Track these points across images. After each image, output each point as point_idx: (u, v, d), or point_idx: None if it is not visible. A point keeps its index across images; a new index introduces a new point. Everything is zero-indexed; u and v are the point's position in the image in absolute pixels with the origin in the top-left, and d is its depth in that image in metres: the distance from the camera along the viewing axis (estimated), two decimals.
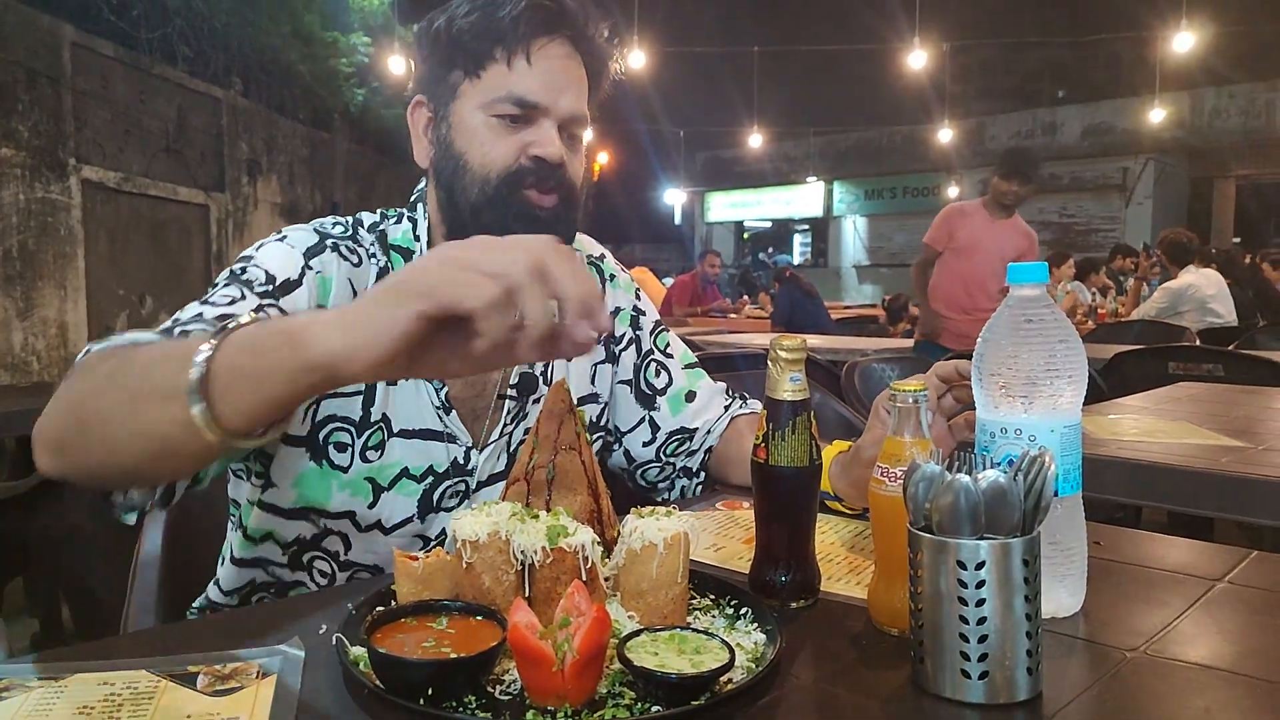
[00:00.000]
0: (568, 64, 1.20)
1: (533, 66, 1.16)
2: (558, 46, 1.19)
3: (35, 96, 5.80)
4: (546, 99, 1.17)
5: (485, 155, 1.17)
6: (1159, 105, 13.80)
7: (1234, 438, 1.88)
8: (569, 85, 1.19)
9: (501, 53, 1.16)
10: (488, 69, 1.17)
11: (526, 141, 1.17)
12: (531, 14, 1.16)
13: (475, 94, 1.18)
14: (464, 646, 0.74)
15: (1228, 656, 0.81)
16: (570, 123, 1.20)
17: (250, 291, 1.09)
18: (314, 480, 1.17)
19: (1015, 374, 0.87)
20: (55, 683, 0.73)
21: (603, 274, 1.44)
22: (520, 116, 1.17)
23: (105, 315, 6.42)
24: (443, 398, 1.21)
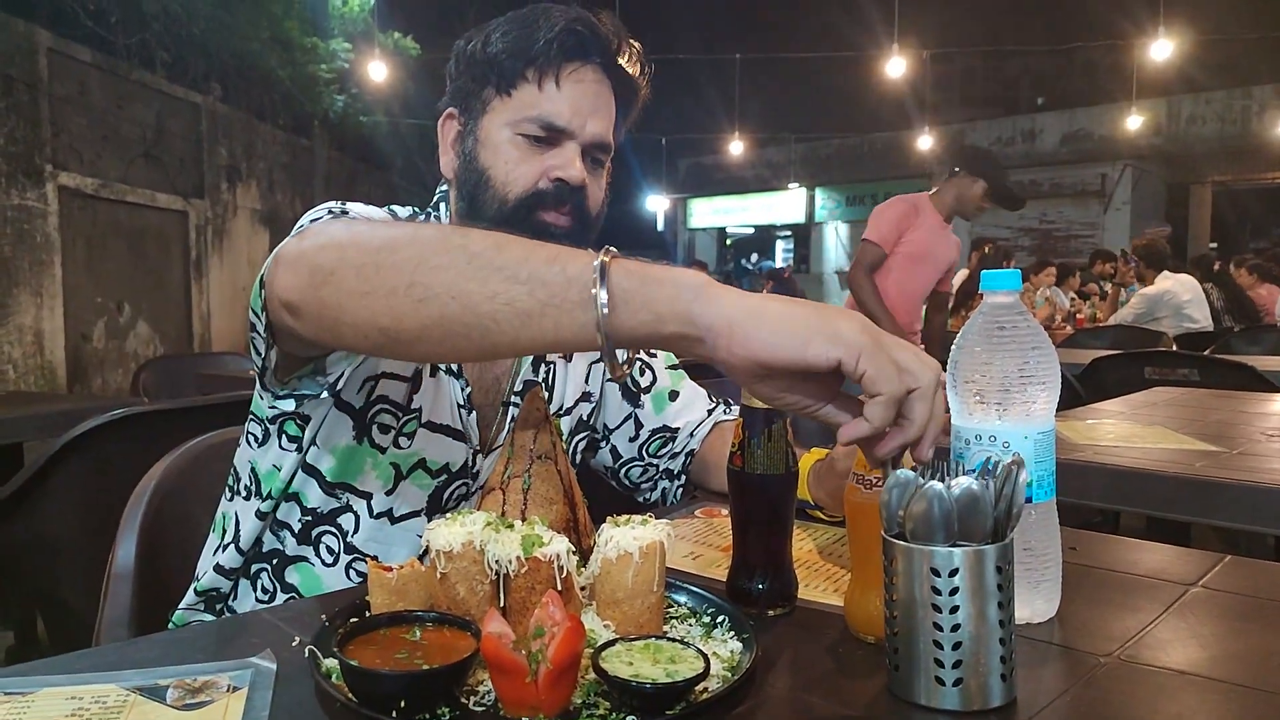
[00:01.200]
0: (597, 90, 1.22)
1: (561, 90, 1.19)
2: (589, 72, 1.21)
3: (11, 103, 5.75)
4: (573, 122, 1.20)
5: (508, 173, 1.21)
6: (1136, 112, 13.93)
7: (1209, 442, 1.90)
8: (596, 111, 1.22)
9: (533, 73, 1.19)
10: (519, 88, 1.20)
11: (550, 164, 1.20)
12: (565, 38, 1.19)
13: (505, 111, 1.21)
14: (437, 658, 0.74)
15: (1202, 661, 0.81)
16: (594, 148, 1.23)
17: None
18: (352, 455, 1.20)
19: (989, 381, 0.88)
20: (23, 697, 0.72)
21: None
22: (545, 138, 1.20)
23: (82, 323, 6.37)
24: (465, 397, 1.24)
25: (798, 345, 0.73)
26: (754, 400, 0.92)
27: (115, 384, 6.65)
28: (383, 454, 1.20)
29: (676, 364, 1.53)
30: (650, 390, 1.48)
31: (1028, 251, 17.37)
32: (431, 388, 1.23)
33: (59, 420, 2.85)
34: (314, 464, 1.21)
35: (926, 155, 16.60)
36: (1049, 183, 18.01)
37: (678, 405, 1.48)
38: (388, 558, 1.21)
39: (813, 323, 0.74)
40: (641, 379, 1.48)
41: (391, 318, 0.82)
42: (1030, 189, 18.22)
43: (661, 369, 1.50)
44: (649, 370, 1.49)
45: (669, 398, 1.48)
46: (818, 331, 0.73)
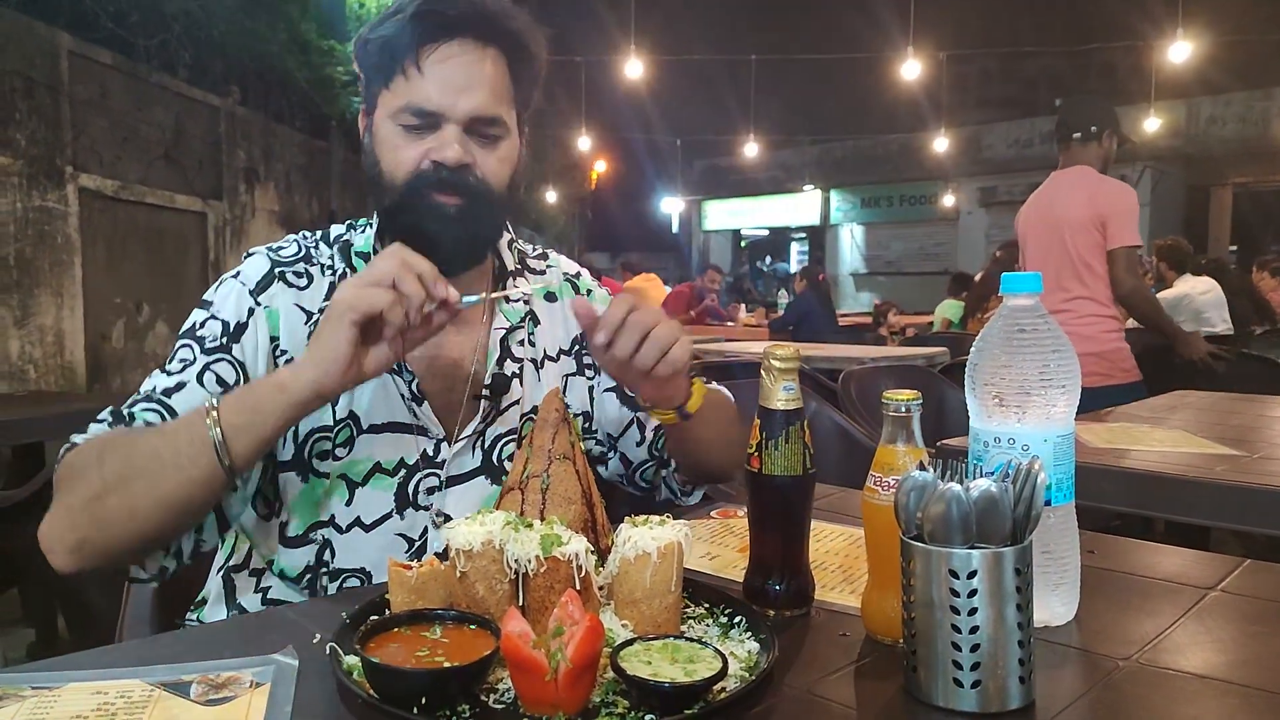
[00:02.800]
0: (466, 64, 1.20)
1: (425, 74, 1.19)
2: (455, 48, 1.20)
3: (33, 105, 5.80)
4: (442, 104, 1.19)
5: (393, 163, 1.22)
6: (1155, 114, 13.83)
7: (1230, 446, 1.89)
8: (469, 86, 1.20)
9: (398, 64, 1.20)
10: (394, 79, 1.21)
11: (428, 147, 1.20)
12: (416, 23, 1.18)
13: (386, 103, 1.22)
14: (458, 655, 0.74)
15: (1220, 665, 0.81)
16: (477, 123, 1.21)
17: (201, 351, 1.20)
18: (306, 496, 1.22)
19: (1008, 384, 0.88)
20: (49, 692, 0.73)
21: (579, 289, 1.47)
22: (422, 124, 1.20)
23: (102, 323, 6.41)
24: (414, 389, 1.24)
25: (334, 349, 1.02)
26: (773, 401, 0.93)
27: (134, 384, 6.63)
28: (326, 477, 1.21)
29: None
30: None
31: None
32: (366, 390, 1.23)
33: (80, 419, 2.86)
34: (287, 533, 1.22)
35: (942, 157, 16.53)
36: None
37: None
38: (375, 566, 1.21)
39: (324, 327, 1.05)
40: None
41: (137, 533, 1.05)
42: None
43: None
44: None
45: None
46: (330, 329, 1.03)
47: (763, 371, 0.94)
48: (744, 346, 5.47)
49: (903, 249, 21.08)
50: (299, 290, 1.27)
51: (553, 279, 1.46)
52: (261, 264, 1.27)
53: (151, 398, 1.17)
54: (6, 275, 5.61)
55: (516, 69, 1.25)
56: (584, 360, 1.43)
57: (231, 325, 1.22)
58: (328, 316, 1.03)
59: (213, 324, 1.22)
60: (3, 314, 5.61)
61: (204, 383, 1.17)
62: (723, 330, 8.57)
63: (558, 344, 1.41)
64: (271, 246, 1.31)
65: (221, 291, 1.25)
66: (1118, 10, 14.42)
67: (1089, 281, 3.38)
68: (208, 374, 1.18)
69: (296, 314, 1.25)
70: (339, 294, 1.02)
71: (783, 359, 0.93)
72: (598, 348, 1.12)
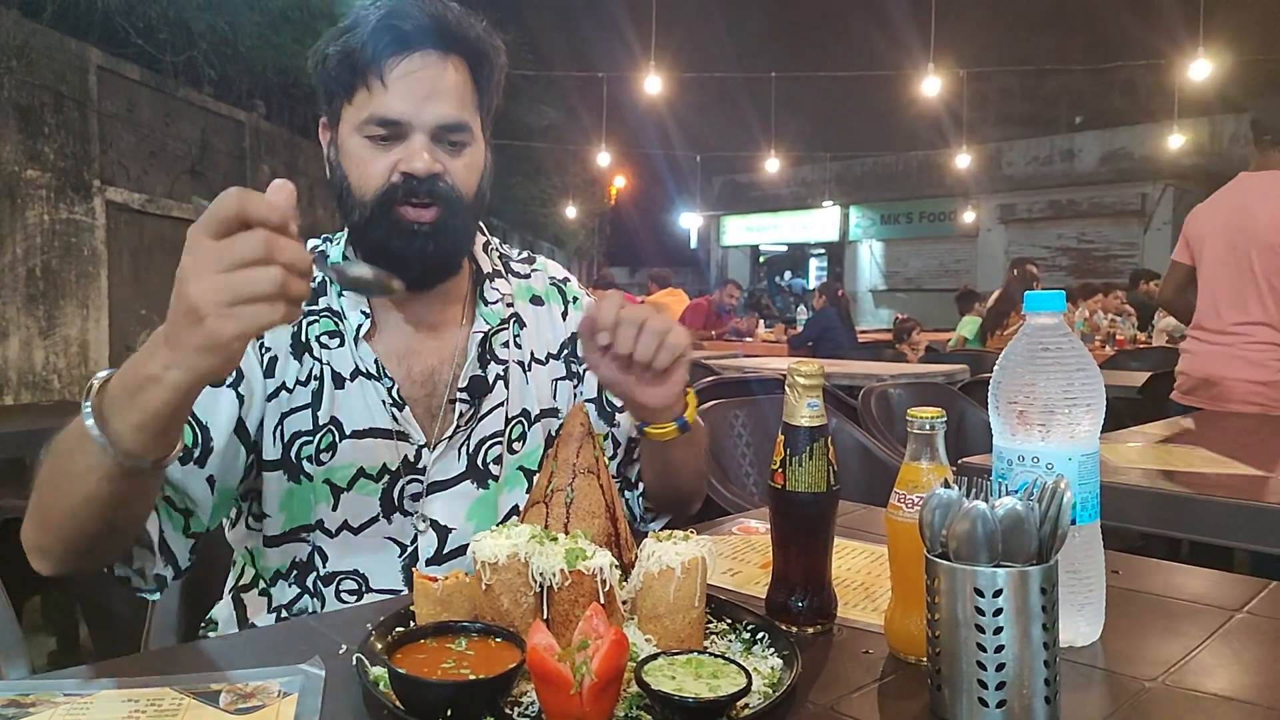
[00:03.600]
0: (434, 74, 1.20)
1: (390, 85, 1.19)
2: (418, 60, 1.20)
3: (62, 119, 5.89)
4: (407, 114, 1.19)
5: (361, 176, 1.21)
6: (1177, 131, 13.78)
7: (1255, 467, 1.87)
8: (435, 95, 1.20)
9: (361, 77, 1.20)
10: (356, 93, 1.21)
11: (396, 159, 1.20)
12: (378, 36, 1.18)
13: (350, 117, 1.22)
14: (483, 668, 0.75)
15: (1246, 687, 0.81)
16: (444, 131, 1.21)
17: None
18: (297, 497, 1.22)
19: (1033, 402, 0.88)
20: (81, 699, 0.74)
21: (566, 296, 1.46)
22: (388, 136, 1.20)
23: (126, 335, 6.48)
24: (395, 395, 1.25)
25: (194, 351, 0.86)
26: (797, 418, 0.93)
27: None
28: (312, 480, 1.22)
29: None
30: (624, 409, 1.42)
31: (1065, 271, 17.20)
32: (348, 396, 1.24)
33: None
34: (269, 533, 1.23)
35: (962, 174, 16.50)
36: (1088, 202, 17.84)
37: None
38: (369, 570, 1.22)
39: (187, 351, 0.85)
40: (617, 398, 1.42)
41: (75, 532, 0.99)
42: (1068, 208, 18.06)
43: None
44: None
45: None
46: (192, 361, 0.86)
47: (787, 388, 0.94)
48: (762, 362, 5.47)
49: (922, 265, 21.05)
50: None
51: (537, 283, 1.45)
52: None
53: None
54: (34, 286, 5.69)
55: (478, 76, 1.26)
56: (572, 367, 1.42)
57: None
58: (174, 311, 0.85)
59: None
60: (29, 324, 5.68)
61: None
62: (741, 346, 8.56)
63: (546, 347, 1.41)
64: None
65: None
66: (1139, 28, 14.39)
67: (1271, 306, 2.96)
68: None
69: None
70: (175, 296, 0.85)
71: (807, 375, 0.93)
72: (595, 351, 1.13)
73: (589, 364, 1.18)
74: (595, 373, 1.19)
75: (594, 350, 1.14)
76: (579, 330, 1.15)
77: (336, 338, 1.27)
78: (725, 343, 8.84)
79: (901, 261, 21.52)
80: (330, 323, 1.27)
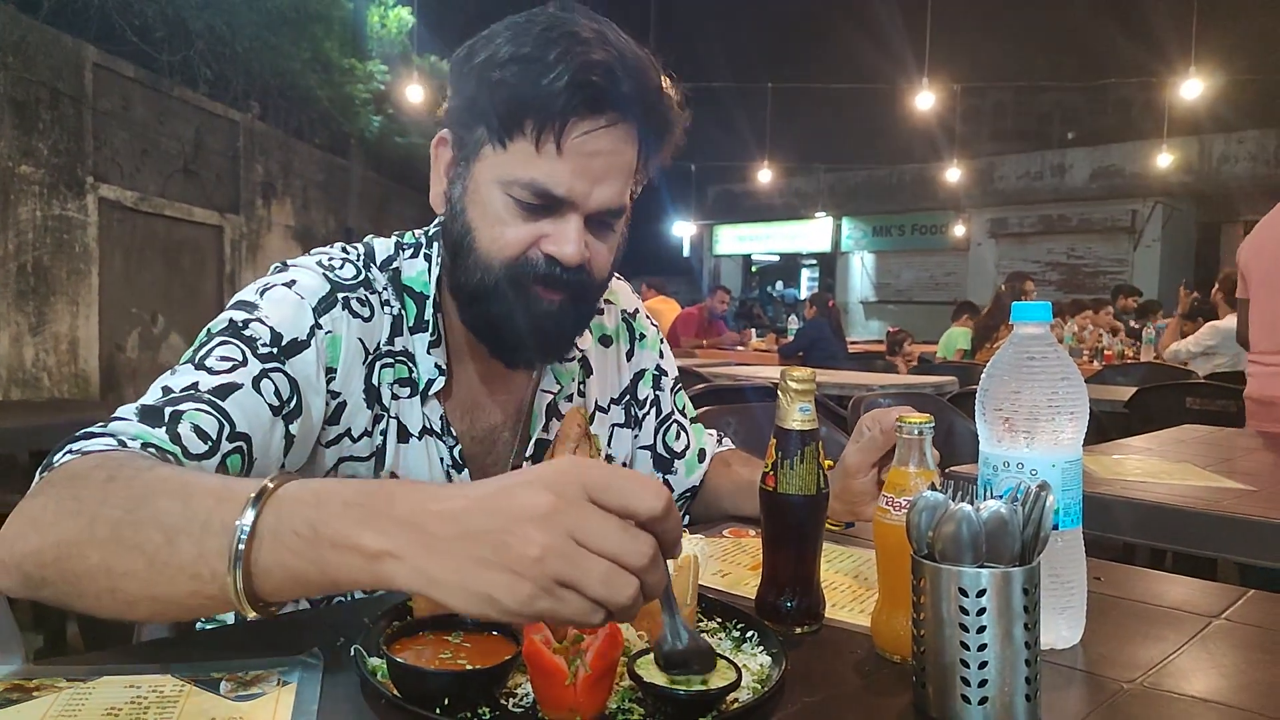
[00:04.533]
0: (610, 151, 1.03)
1: (564, 156, 1.00)
2: (603, 134, 1.01)
3: (56, 115, 5.89)
4: (575, 193, 1.02)
5: (494, 238, 1.05)
6: (1167, 150, 13.89)
7: (1237, 480, 1.90)
8: (607, 176, 1.03)
9: (532, 128, 1.00)
10: (514, 141, 1.01)
11: (543, 233, 1.04)
12: (575, 92, 0.98)
13: (496, 165, 1.03)
14: (479, 659, 0.76)
15: (1223, 690, 0.83)
16: (603, 214, 1.06)
17: (252, 354, 1.00)
18: None
19: (1018, 409, 0.90)
20: (83, 684, 0.76)
21: (633, 333, 1.39)
22: (541, 206, 1.03)
23: (117, 333, 6.47)
24: (456, 455, 1.15)
25: (454, 600, 0.65)
26: (789, 422, 0.95)
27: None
28: None
29: (695, 417, 1.48)
30: (684, 455, 1.42)
31: (1055, 286, 17.29)
32: (409, 454, 1.12)
33: None
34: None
35: (955, 188, 16.59)
36: (1078, 218, 17.94)
37: (705, 463, 1.44)
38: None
39: (468, 569, 0.64)
40: (676, 443, 1.41)
41: (114, 612, 0.78)
42: (1059, 223, 18.16)
43: (691, 429, 1.44)
44: (684, 433, 1.42)
45: (699, 459, 1.44)
46: (471, 585, 0.64)
47: (780, 392, 0.96)
48: (754, 371, 5.50)
49: (913, 278, 21.12)
50: (364, 322, 1.10)
51: (608, 320, 1.35)
52: (318, 281, 1.09)
53: (198, 396, 0.95)
54: (24, 282, 5.68)
55: (649, 140, 1.08)
56: (631, 411, 1.38)
57: (285, 338, 1.03)
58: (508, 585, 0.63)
59: (259, 327, 1.02)
60: (19, 321, 5.67)
61: (261, 390, 0.98)
62: (733, 354, 8.59)
63: (609, 393, 1.34)
64: (322, 262, 1.12)
65: (271, 297, 1.06)
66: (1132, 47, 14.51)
67: None
68: (265, 381, 0.99)
69: (357, 350, 1.09)
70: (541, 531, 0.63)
71: (800, 380, 0.95)
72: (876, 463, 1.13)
73: (861, 472, 1.14)
74: (861, 480, 1.14)
75: (875, 460, 1.13)
76: (868, 438, 1.12)
77: (408, 387, 1.13)
78: (718, 351, 8.87)
79: (893, 273, 21.60)
80: (404, 369, 1.13)
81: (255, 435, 0.97)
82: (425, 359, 1.13)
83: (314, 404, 1.05)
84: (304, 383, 1.03)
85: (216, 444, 0.93)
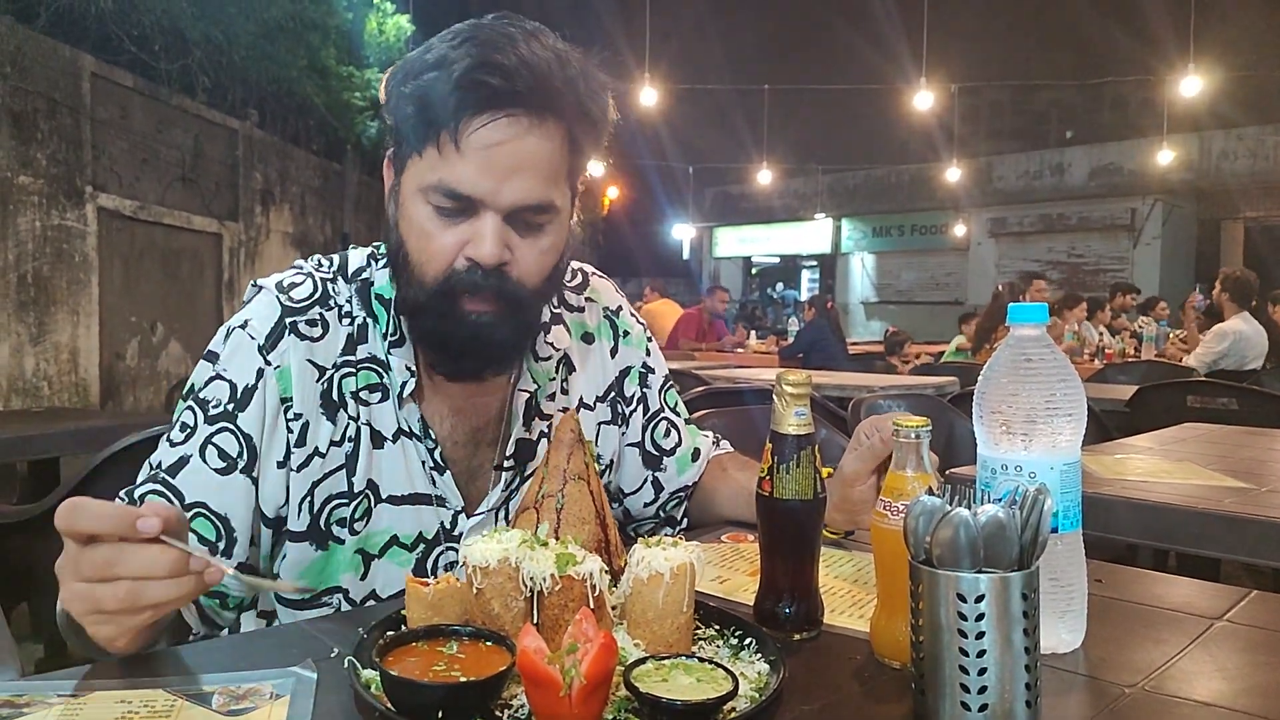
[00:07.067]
0: (516, 146, 1.03)
1: (465, 153, 1.02)
2: (504, 126, 1.02)
3: (55, 125, 5.89)
4: (481, 190, 1.03)
5: (422, 249, 1.07)
6: (1167, 147, 13.88)
7: (1239, 479, 1.89)
8: (517, 170, 1.03)
9: (434, 134, 1.03)
10: (427, 147, 1.04)
11: (463, 239, 1.05)
12: (465, 92, 1.00)
13: (416, 174, 1.06)
14: (474, 670, 0.76)
15: (1226, 694, 0.82)
16: (522, 211, 1.06)
17: (204, 418, 1.11)
18: (319, 566, 1.15)
19: (1015, 412, 0.89)
20: (75, 699, 0.75)
21: (617, 330, 1.39)
22: (456, 209, 1.05)
23: (117, 341, 6.47)
24: (437, 457, 1.17)
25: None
26: (785, 426, 0.94)
27: (146, 402, 6.75)
28: (343, 546, 1.14)
29: (688, 415, 1.48)
30: (675, 453, 1.42)
31: (1055, 285, 17.29)
32: (387, 458, 1.15)
33: (95, 436, 2.91)
34: (288, 596, 1.17)
35: (954, 188, 16.59)
36: (1077, 216, 17.95)
37: (699, 463, 1.44)
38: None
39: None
40: (665, 441, 1.41)
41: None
42: (1058, 222, 18.16)
43: (683, 427, 1.45)
44: (674, 430, 1.42)
45: (692, 458, 1.44)
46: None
47: (775, 396, 0.96)
48: (754, 373, 5.48)
49: (914, 278, 21.12)
50: (311, 343, 1.14)
51: (590, 317, 1.35)
52: (271, 310, 1.14)
53: (156, 477, 1.09)
54: (24, 292, 5.68)
55: (577, 139, 1.08)
56: (618, 408, 1.37)
57: (239, 389, 1.11)
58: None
59: (219, 385, 1.11)
60: (19, 330, 5.67)
61: (206, 458, 1.09)
62: (733, 356, 8.58)
63: (594, 390, 1.33)
64: (282, 283, 1.17)
65: (230, 345, 1.13)
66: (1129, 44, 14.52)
67: None
68: (209, 448, 1.09)
69: (309, 370, 1.13)
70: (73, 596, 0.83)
71: (795, 384, 0.94)
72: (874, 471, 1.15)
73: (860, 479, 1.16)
74: (859, 488, 1.16)
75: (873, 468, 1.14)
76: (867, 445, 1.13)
77: (378, 392, 1.16)
78: (717, 353, 8.86)
79: (893, 274, 21.60)
80: (373, 374, 1.16)
81: (209, 499, 1.09)
82: (398, 366, 1.15)
83: (276, 439, 1.12)
84: (257, 428, 1.11)
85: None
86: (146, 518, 0.78)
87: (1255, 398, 3.63)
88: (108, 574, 0.79)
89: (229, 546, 1.10)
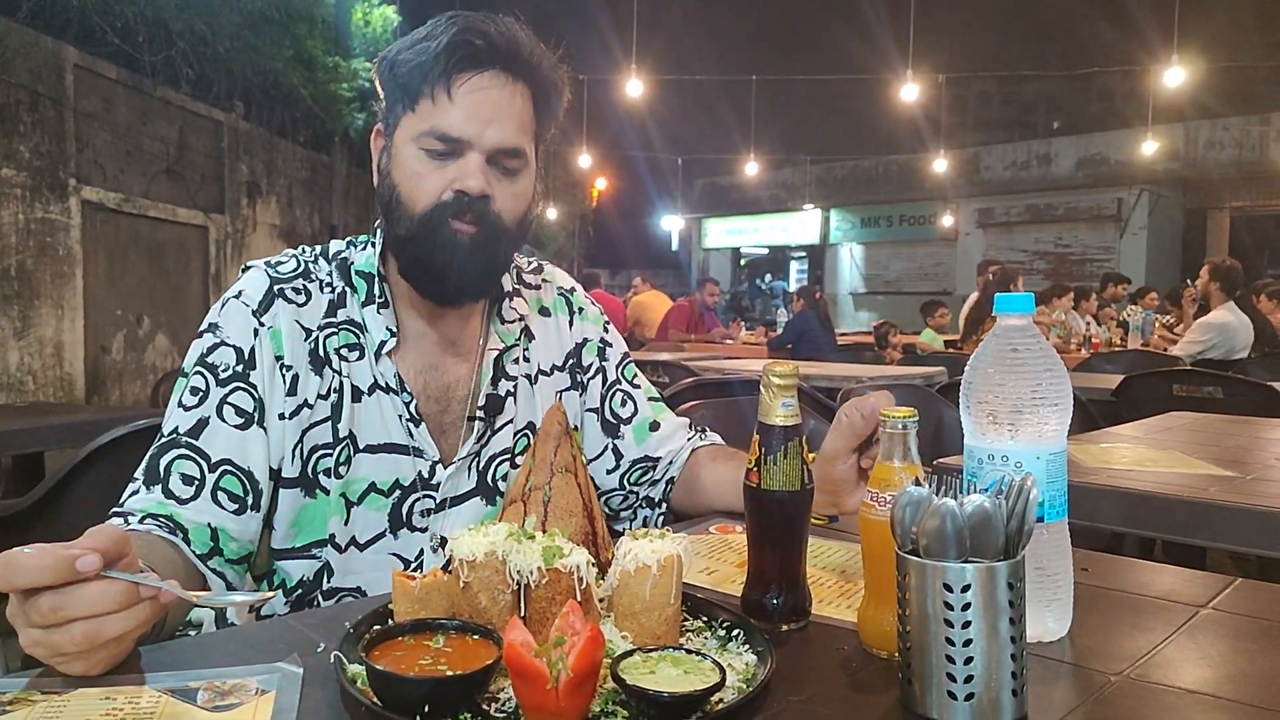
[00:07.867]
0: (496, 96, 1.22)
1: (455, 102, 1.20)
2: (486, 79, 1.21)
3: (38, 118, 5.85)
4: (469, 132, 1.20)
5: (414, 188, 1.22)
6: (1152, 137, 13.93)
7: (1224, 467, 1.90)
8: (496, 118, 1.21)
9: (428, 87, 1.20)
10: (420, 103, 1.21)
11: (451, 176, 1.21)
12: (452, 51, 1.19)
13: (408, 126, 1.23)
14: (460, 664, 0.75)
15: (1210, 681, 0.82)
16: (500, 155, 1.22)
17: (215, 381, 1.20)
18: (310, 513, 1.24)
19: (1002, 402, 0.89)
20: (58, 697, 0.75)
21: (572, 306, 1.49)
22: (446, 150, 1.21)
23: (102, 335, 6.44)
24: (412, 410, 1.27)
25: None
26: (771, 417, 0.94)
27: (133, 395, 6.71)
28: (328, 493, 1.24)
29: (657, 397, 1.55)
30: (631, 421, 1.49)
31: (1042, 275, 17.35)
32: (365, 410, 1.26)
33: (80, 430, 2.89)
34: (279, 546, 1.25)
35: (941, 178, 16.63)
36: (1064, 206, 18.01)
37: (660, 435, 1.49)
38: (370, 586, 1.24)
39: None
40: (622, 410, 1.49)
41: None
42: (1045, 213, 18.22)
43: (643, 400, 1.51)
44: (630, 401, 1.50)
45: (650, 429, 1.49)
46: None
47: (762, 388, 0.95)
48: (743, 364, 5.49)
49: (902, 269, 21.17)
50: (298, 306, 1.27)
51: (545, 294, 1.48)
52: (261, 281, 1.27)
53: (178, 442, 1.17)
54: (8, 286, 5.65)
55: (540, 105, 1.27)
56: (577, 376, 1.46)
57: (245, 351, 1.22)
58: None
59: (224, 350, 1.22)
60: (3, 325, 5.63)
61: (224, 416, 1.18)
62: (722, 348, 8.59)
63: (552, 359, 1.44)
64: (269, 262, 1.32)
65: (227, 313, 1.25)
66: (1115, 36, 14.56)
67: None
68: (226, 407, 1.19)
69: (297, 330, 1.26)
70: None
71: (782, 375, 0.94)
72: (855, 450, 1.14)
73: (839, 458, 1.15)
74: (840, 467, 1.15)
75: (854, 445, 1.14)
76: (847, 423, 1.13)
77: (356, 350, 1.28)
78: (706, 344, 8.87)
79: (881, 265, 21.64)
80: (351, 335, 1.28)
81: (234, 455, 1.18)
82: (376, 325, 1.28)
83: (276, 393, 1.22)
84: (265, 383, 1.22)
85: (202, 481, 1.15)
86: (84, 556, 0.76)
87: (1241, 386, 3.67)
88: (59, 619, 0.76)
89: (255, 500, 1.18)
